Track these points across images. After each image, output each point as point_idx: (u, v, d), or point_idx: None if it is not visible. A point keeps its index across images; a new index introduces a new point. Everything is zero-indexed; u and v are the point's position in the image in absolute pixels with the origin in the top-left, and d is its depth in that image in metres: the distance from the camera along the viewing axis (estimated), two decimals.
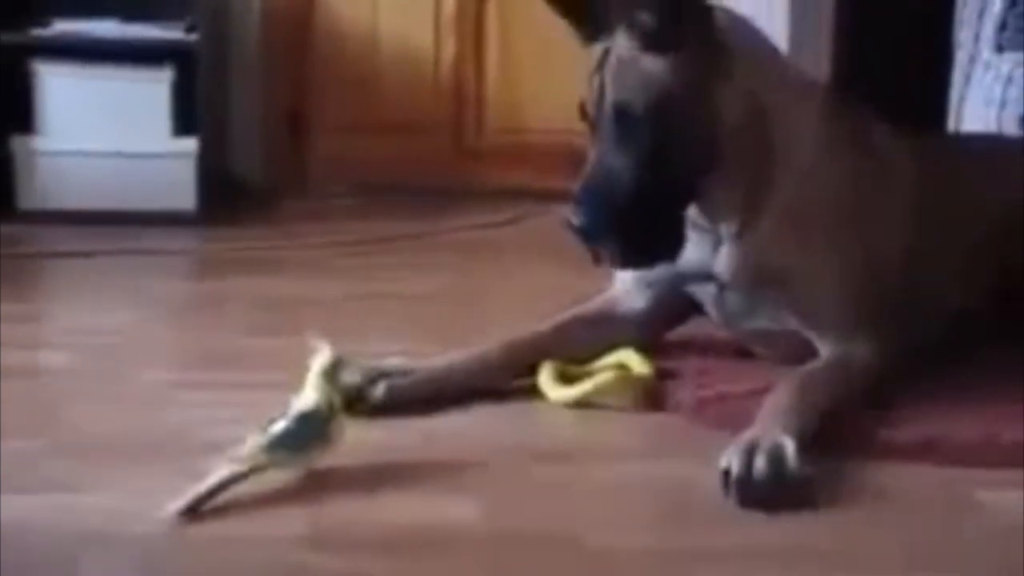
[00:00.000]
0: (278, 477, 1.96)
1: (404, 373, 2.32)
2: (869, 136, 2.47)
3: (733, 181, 2.31)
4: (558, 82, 4.23)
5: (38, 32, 3.86)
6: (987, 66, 3.54)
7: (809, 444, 2.05)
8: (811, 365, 2.29)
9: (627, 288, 2.52)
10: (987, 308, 2.59)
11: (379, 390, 2.27)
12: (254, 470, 1.93)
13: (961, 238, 2.56)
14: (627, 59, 2.23)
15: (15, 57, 3.81)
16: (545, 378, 2.37)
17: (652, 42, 2.21)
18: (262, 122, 4.32)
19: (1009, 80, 3.34)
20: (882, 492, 2.02)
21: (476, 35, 4.31)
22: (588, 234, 2.25)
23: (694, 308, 2.51)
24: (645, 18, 2.19)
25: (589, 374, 2.38)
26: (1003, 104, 3.32)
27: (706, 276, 2.42)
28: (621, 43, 2.24)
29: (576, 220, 2.24)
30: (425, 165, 4.30)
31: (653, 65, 2.22)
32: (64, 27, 3.88)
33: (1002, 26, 3.53)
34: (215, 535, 1.83)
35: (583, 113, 2.32)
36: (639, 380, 2.35)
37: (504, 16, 4.29)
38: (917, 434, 2.16)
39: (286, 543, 1.80)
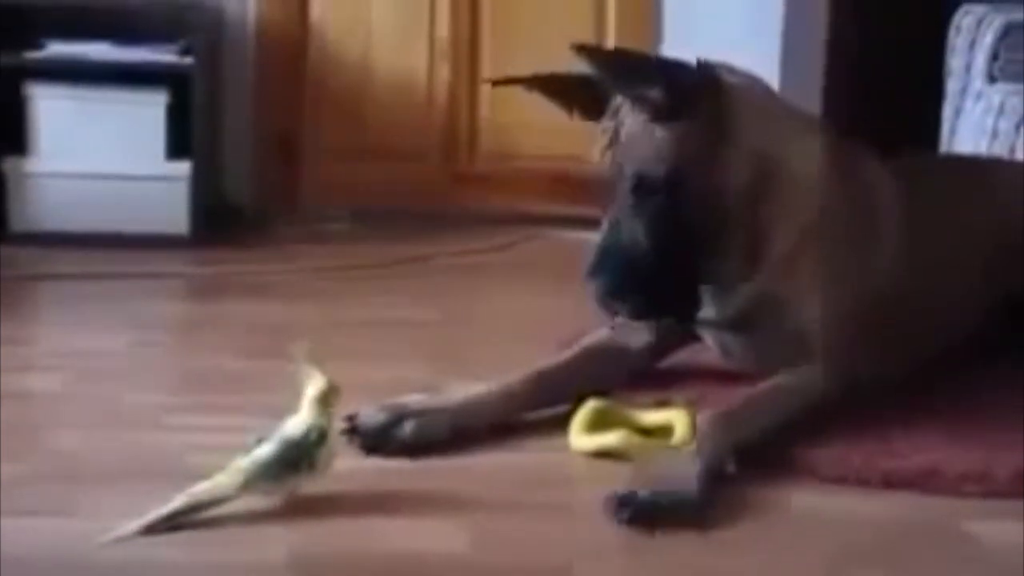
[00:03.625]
0: (260, 502, 1.96)
1: (428, 411, 2.29)
2: (864, 171, 2.51)
3: (739, 235, 2.36)
4: (550, 109, 4.23)
5: (32, 54, 3.86)
6: (978, 96, 3.55)
7: (724, 469, 2.10)
8: (752, 389, 2.32)
9: (629, 323, 2.52)
10: (987, 329, 2.61)
11: (407, 429, 2.25)
12: (225, 498, 1.93)
13: (956, 264, 2.58)
14: (639, 132, 2.30)
15: (9, 79, 3.81)
16: (577, 422, 2.31)
17: (662, 115, 2.27)
18: (255, 146, 4.32)
19: (1001, 111, 3.35)
20: (876, 522, 2.02)
21: (470, 61, 4.32)
22: (608, 296, 2.30)
23: (694, 337, 2.54)
24: (653, 93, 2.25)
25: (627, 421, 2.33)
26: (995, 135, 3.33)
27: (708, 322, 2.46)
28: (630, 118, 2.30)
29: (594, 284, 2.29)
30: (418, 190, 4.31)
31: (665, 135, 2.28)
32: (58, 49, 3.88)
33: (994, 56, 3.55)
34: (197, 559, 1.82)
35: (597, 184, 2.36)
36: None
37: (497, 42, 4.30)
38: (915, 464, 2.16)
39: (268, 569, 1.80)
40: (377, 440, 2.23)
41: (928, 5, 3.97)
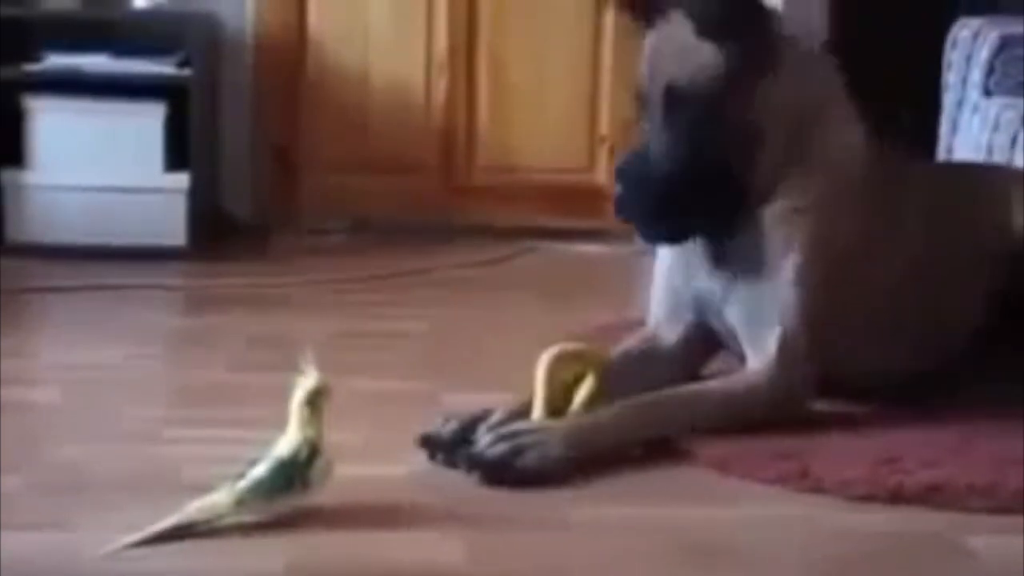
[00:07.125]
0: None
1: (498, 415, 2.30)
2: (898, 171, 2.56)
3: (760, 174, 2.39)
4: (549, 121, 4.25)
5: (30, 67, 3.86)
6: (975, 109, 3.56)
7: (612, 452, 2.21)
8: (687, 386, 2.39)
9: (660, 321, 2.56)
10: (992, 334, 2.61)
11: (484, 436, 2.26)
12: (220, 518, 1.93)
13: (960, 266, 2.58)
14: (680, 43, 2.36)
15: (7, 92, 3.81)
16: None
17: (706, 29, 2.33)
18: (253, 159, 4.32)
19: (996, 125, 3.35)
20: (879, 536, 2.02)
21: (468, 74, 4.32)
22: (622, 205, 2.38)
23: (718, 343, 2.55)
24: (708, 6, 2.33)
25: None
26: (990, 150, 3.33)
27: (714, 298, 2.46)
28: (676, 28, 2.37)
29: (615, 191, 2.38)
30: (416, 203, 4.31)
31: (705, 51, 2.34)
32: (56, 62, 3.88)
33: (990, 70, 3.56)
34: (195, 570, 1.83)
35: (636, 97, 2.44)
36: None
37: (495, 55, 4.31)
38: (922, 478, 2.16)
39: None
40: (455, 448, 2.24)
41: (925, 18, 3.98)
